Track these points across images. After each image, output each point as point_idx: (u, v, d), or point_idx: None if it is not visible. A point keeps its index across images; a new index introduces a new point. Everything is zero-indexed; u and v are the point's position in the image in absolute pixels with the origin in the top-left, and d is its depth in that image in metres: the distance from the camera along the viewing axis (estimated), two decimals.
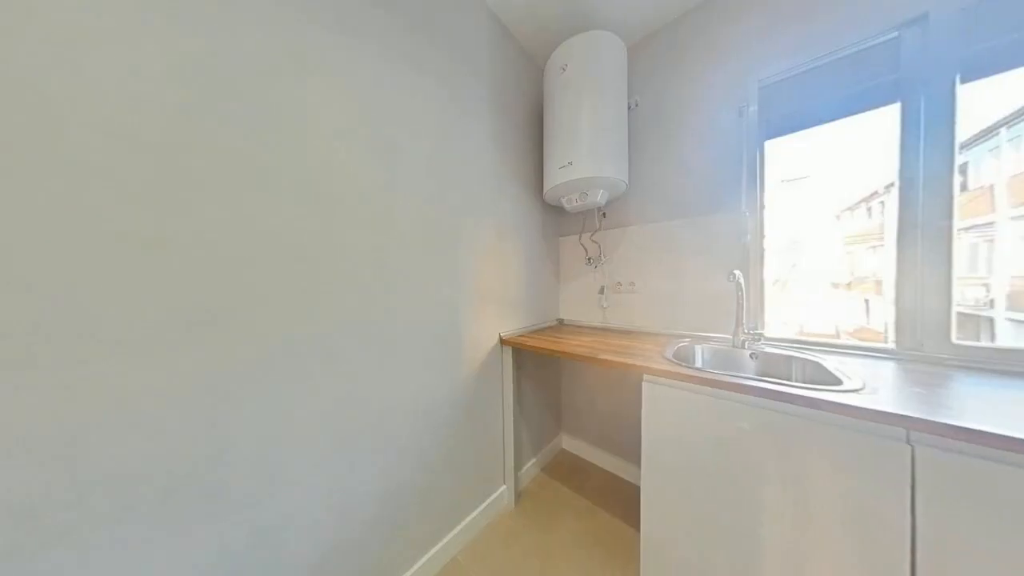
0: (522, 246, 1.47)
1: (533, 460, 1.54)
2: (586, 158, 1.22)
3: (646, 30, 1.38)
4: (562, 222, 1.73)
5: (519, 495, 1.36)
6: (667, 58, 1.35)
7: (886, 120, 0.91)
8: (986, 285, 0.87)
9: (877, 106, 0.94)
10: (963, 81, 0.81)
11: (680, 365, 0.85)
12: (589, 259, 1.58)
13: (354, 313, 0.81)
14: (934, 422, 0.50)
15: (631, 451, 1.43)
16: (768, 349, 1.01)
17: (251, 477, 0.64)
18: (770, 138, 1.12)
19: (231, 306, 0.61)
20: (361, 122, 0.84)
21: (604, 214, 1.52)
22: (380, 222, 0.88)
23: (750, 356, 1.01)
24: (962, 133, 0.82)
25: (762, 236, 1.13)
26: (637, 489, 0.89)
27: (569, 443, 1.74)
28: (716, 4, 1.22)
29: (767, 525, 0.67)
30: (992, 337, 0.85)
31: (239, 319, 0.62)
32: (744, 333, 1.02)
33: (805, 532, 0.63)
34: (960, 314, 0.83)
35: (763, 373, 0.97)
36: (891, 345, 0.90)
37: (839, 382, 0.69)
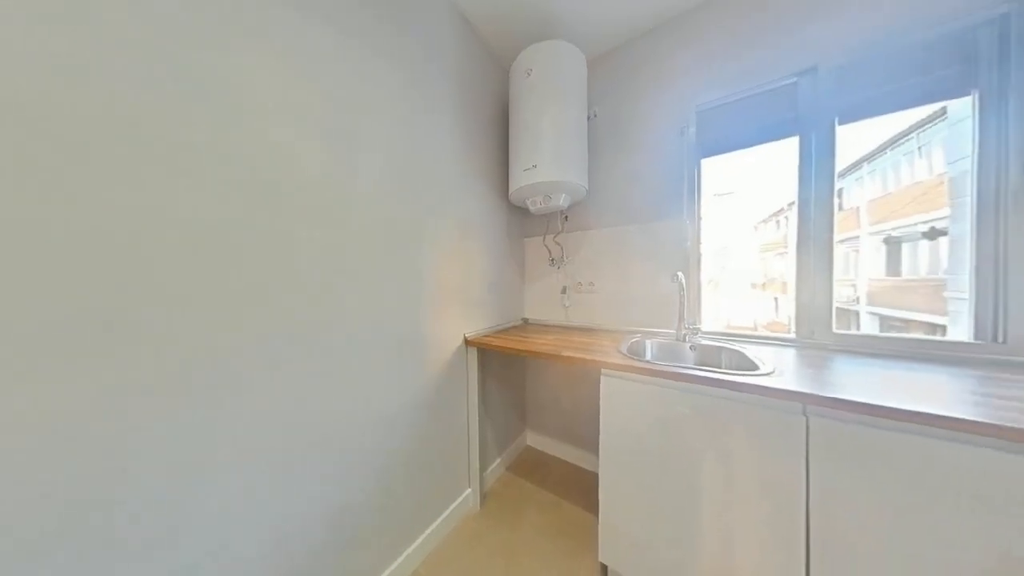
0: (488, 245, 1.47)
1: (499, 459, 1.54)
2: (550, 162, 1.27)
3: (604, 47, 1.47)
4: (527, 223, 1.77)
5: (484, 496, 1.35)
6: (622, 76, 1.46)
7: (789, 149, 1.11)
8: (854, 286, 1.11)
9: (782, 137, 1.13)
10: (840, 123, 1.02)
11: (633, 359, 0.92)
12: (552, 260, 1.64)
13: (300, 316, 0.73)
14: (822, 396, 0.62)
15: (592, 442, 1.52)
16: (704, 341, 1.15)
17: (163, 513, 0.54)
18: (705, 157, 1.28)
19: (134, 309, 0.51)
20: (313, 102, 0.76)
21: (566, 217, 1.58)
22: (334, 216, 0.81)
23: (690, 348, 1.14)
24: (839, 164, 1.03)
25: (699, 242, 1.29)
26: (597, 477, 0.94)
27: (534, 439, 1.78)
28: (663, 33, 1.35)
29: (703, 497, 0.77)
30: (858, 327, 1.07)
31: (146, 325, 0.52)
32: (685, 328, 1.15)
33: (731, 499, 0.73)
34: (838, 309, 1.05)
35: (700, 362, 1.10)
36: (792, 335, 1.09)
37: (756, 367, 0.82)
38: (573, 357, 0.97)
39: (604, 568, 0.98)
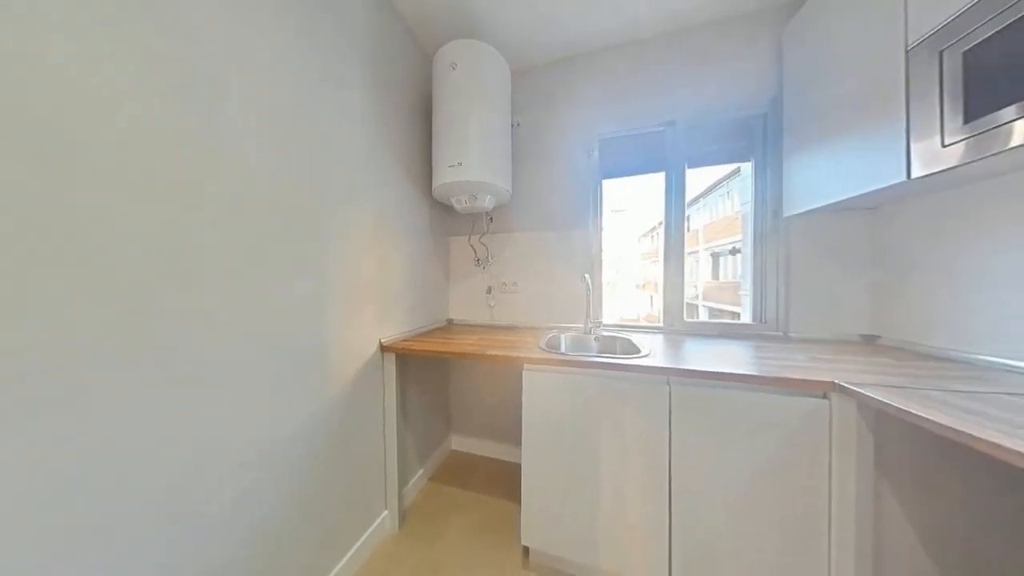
0: (409, 242, 1.36)
1: (421, 471, 1.44)
2: (476, 162, 1.27)
3: (525, 62, 1.57)
4: (452, 221, 1.72)
5: (405, 513, 1.24)
6: (542, 92, 1.59)
7: (659, 181, 1.44)
8: (695, 287, 1.52)
9: (655, 171, 1.45)
10: (689, 167, 1.39)
11: (550, 352, 1.02)
12: (478, 260, 1.65)
13: (115, 326, 0.51)
14: (679, 368, 0.83)
15: (516, 435, 1.60)
16: (604, 333, 1.36)
17: None
18: (606, 178, 1.53)
19: None
20: (149, 30, 0.54)
21: (491, 218, 1.62)
22: (181, 190, 0.59)
23: (594, 339, 1.33)
24: (688, 197, 1.41)
25: (601, 249, 1.53)
26: (520, 467, 1.00)
27: (459, 442, 1.75)
28: (574, 64, 1.54)
29: (603, 464, 0.91)
30: (698, 316, 1.48)
31: None
32: (591, 322, 1.34)
33: (622, 460, 0.89)
34: (687, 304, 1.42)
35: (602, 351, 1.31)
36: (661, 324, 1.42)
37: (639, 351, 1.02)
38: (498, 355, 1.00)
39: (526, 550, 1.04)
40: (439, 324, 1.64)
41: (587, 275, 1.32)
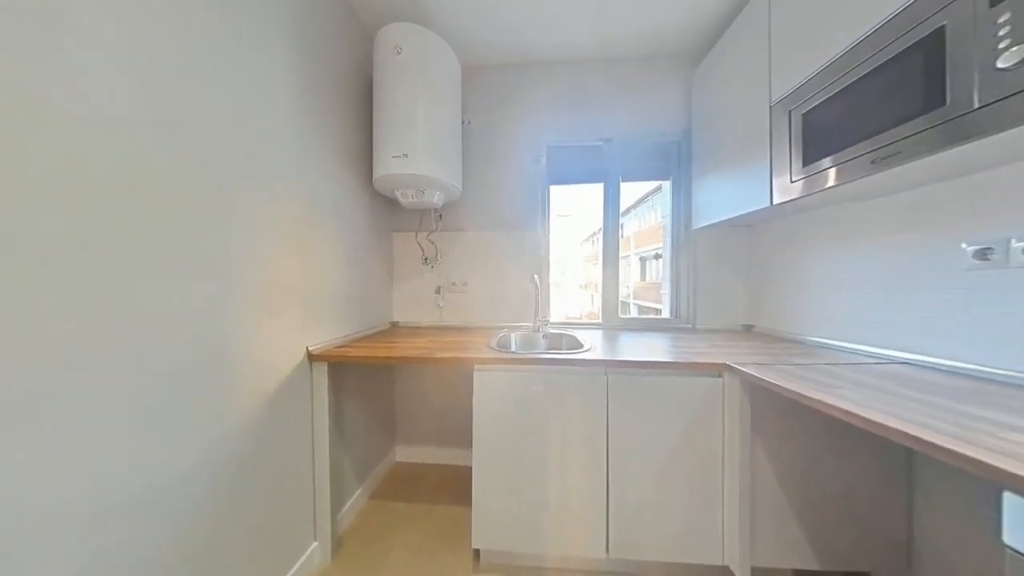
0: (345, 236, 1.22)
1: (359, 490, 1.31)
2: (424, 155, 1.20)
3: (475, 59, 1.56)
4: (397, 216, 1.61)
5: (340, 541, 1.11)
6: (494, 93, 1.60)
7: (599, 191, 1.58)
8: (628, 287, 1.73)
9: (595, 182, 1.60)
10: (623, 180, 1.56)
11: (501, 352, 1.03)
12: (426, 259, 1.57)
13: None
14: (614, 360, 0.93)
15: (466, 437, 1.57)
16: (551, 331, 1.44)
17: None
18: (553, 184, 1.62)
19: None
20: None
21: (441, 215, 1.56)
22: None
23: (542, 337, 1.40)
24: (622, 207, 1.58)
25: (549, 251, 1.61)
26: (471, 470, 0.98)
27: (405, 453, 1.64)
28: (525, 71, 1.59)
29: (551, 454, 0.96)
30: (629, 312, 1.68)
31: None
32: (539, 321, 1.41)
33: (568, 450, 0.96)
34: (621, 302, 1.60)
35: (549, 347, 1.38)
36: (600, 321, 1.57)
37: (582, 346, 1.11)
38: (448, 357, 0.98)
39: (477, 553, 1.03)
40: (381, 327, 1.51)
41: (536, 276, 1.38)
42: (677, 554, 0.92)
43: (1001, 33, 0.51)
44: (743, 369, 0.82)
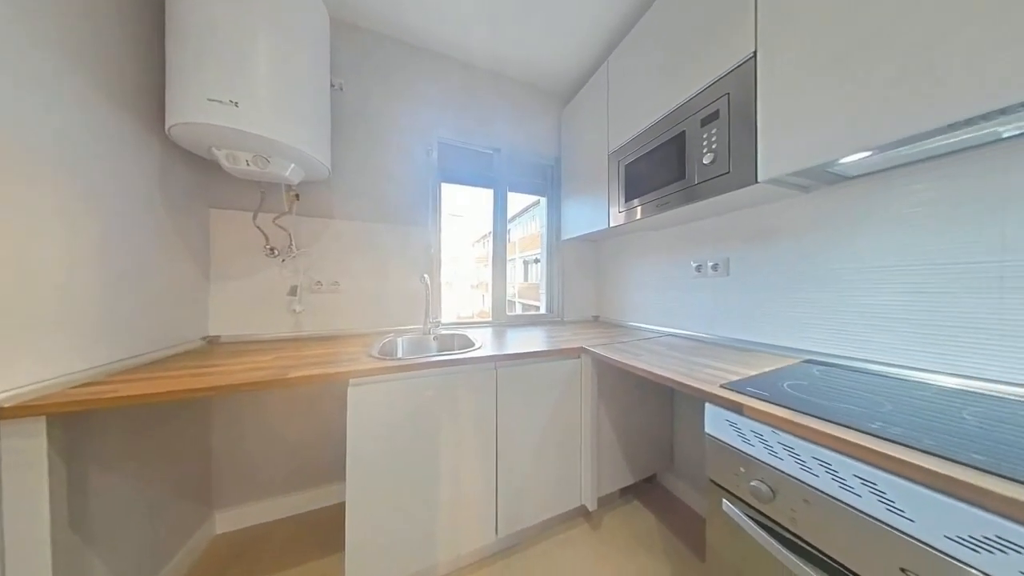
0: (99, 202, 0.76)
1: None
2: (270, 110, 0.90)
3: (350, 12, 1.32)
4: (219, 187, 1.14)
5: None
6: (377, 64, 1.40)
7: (489, 196, 1.68)
8: (513, 286, 1.92)
9: (486, 187, 1.69)
10: (510, 190, 1.72)
11: (385, 360, 0.92)
12: (273, 249, 1.19)
13: None
14: (502, 354, 1.01)
15: (335, 469, 1.29)
16: (443, 332, 1.41)
17: None
18: (445, 181, 1.58)
19: None
20: None
21: (297, 196, 1.22)
22: None
23: (433, 339, 1.34)
24: (510, 214, 1.74)
25: (440, 250, 1.56)
26: (342, 506, 0.82)
27: (231, 518, 1.17)
28: (419, 57, 1.48)
29: (444, 456, 0.94)
30: (515, 310, 1.86)
31: None
32: (430, 322, 1.34)
33: (461, 447, 0.96)
34: (508, 301, 1.75)
35: (441, 349, 1.34)
36: (491, 319, 1.66)
37: (474, 344, 1.15)
38: (307, 376, 0.77)
39: None
40: (188, 346, 1.04)
41: (426, 275, 1.31)
42: (549, 510, 1.10)
43: (704, 143, 0.90)
44: (593, 350, 1.08)
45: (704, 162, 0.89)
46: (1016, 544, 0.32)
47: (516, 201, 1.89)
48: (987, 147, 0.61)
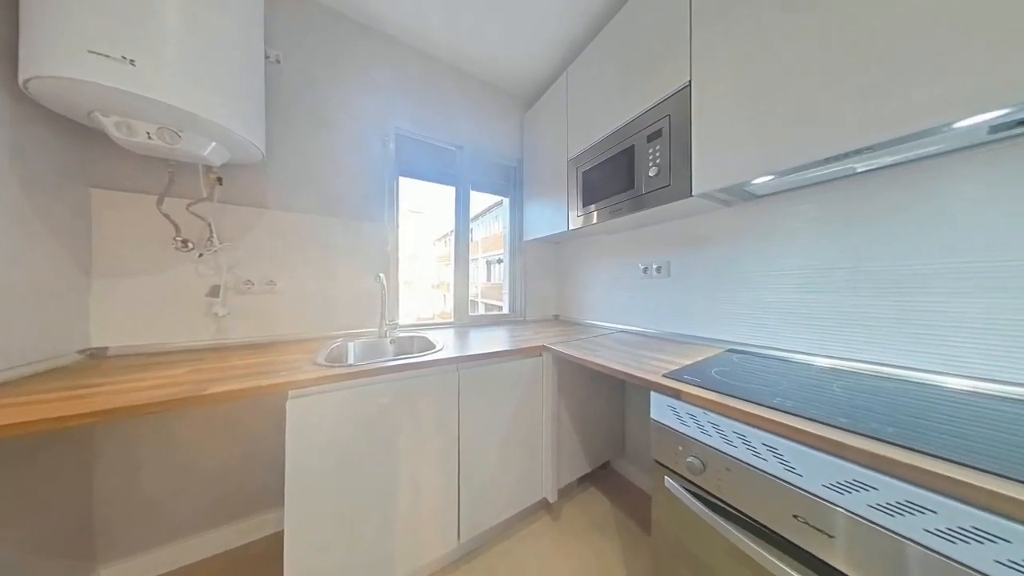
0: None
1: None
2: (180, 75, 0.76)
3: None
4: (106, 162, 0.92)
5: None
6: (323, 42, 1.27)
7: (452, 194, 1.63)
8: (475, 286, 1.90)
9: (449, 184, 1.64)
10: (472, 189, 1.69)
11: (333, 367, 0.83)
12: (185, 242, 1.00)
13: None
14: (464, 355, 0.99)
15: (267, 495, 1.13)
16: (401, 334, 1.33)
17: None
18: (403, 175, 1.50)
19: None
20: None
21: (220, 179, 1.05)
22: None
23: (390, 342, 1.26)
24: (472, 213, 1.72)
25: (398, 248, 1.48)
26: (277, 536, 0.72)
27: (124, 573, 0.95)
28: (372, 37, 1.37)
29: (401, 465, 0.89)
30: (478, 310, 1.84)
31: None
32: (386, 324, 1.26)
33: (421, 452, 0.92)
34: (471, 301, 1.73)
35: (399, 353, 1.27)
36: (452, 320, 1.62)
37: (434, 346, 1.11)
38: (235, 390, 0.67)
39: None
40: (58, 361, 0.82)
41: (382, 274, 1.23)
42: (512, 507, 1.12)
43: (650, 157, 0.99)
44: (554, 348, 1.12)
45: (650, 175, 0.99)
46: (867, 484, 0.42)
47: (479, 200, 1.88)
48: (848, 178, 0.78)
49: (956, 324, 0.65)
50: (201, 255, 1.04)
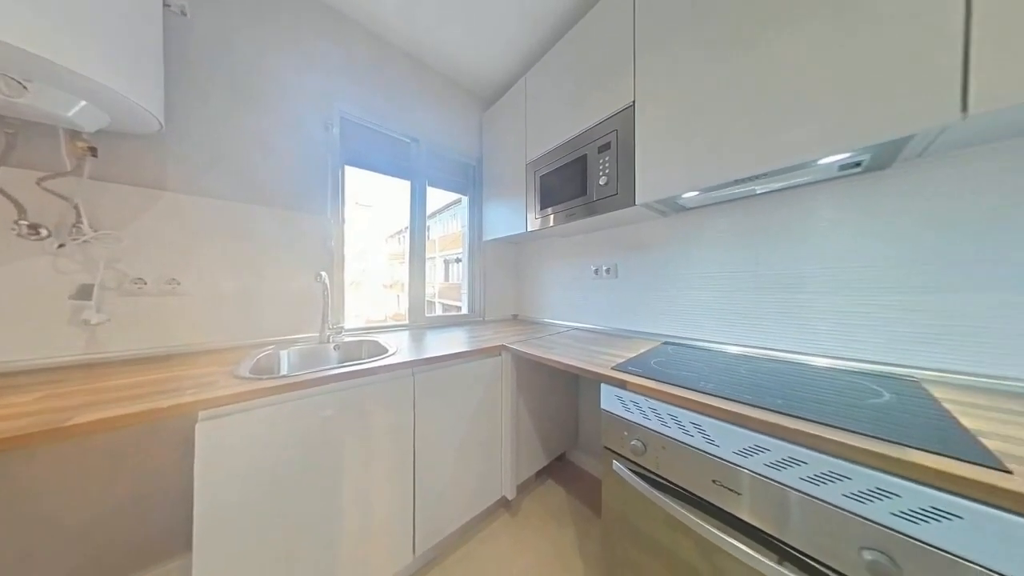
0: None
1: None
2: (26, 7, 0.57)
3: None
4: None
5: None
6: (245, 3, 1.08)
7: (406, 188, 1.54)
8: (433, 286, 1.83)
9: (403, 177, 1.55)
10: (429, 185, 1.62)
11: (259, 380, 0.72)
12: (34, 227, 0.76)
13: None
14: (420, 359, 0.94)
15: (165, 541, 0.93)
16: (347, 339, 1.21)
17: None
18: (349, 164, 1.36)
19: None
20: None
21: (93, 150, 0.82)
22: None
23: (334, 348, 1.14)
24: (429, 210, 1.64)
25: (343, 244, 1.34)
26: None
27: None
28: (314, 9, 1.22)
29: (347, 482, 0.81)
30: (435, 311, 1.77)
31: None
32: (329, 328, 1.13)
33: (371, 464, 0.85)
34: (428, 301, 1.66)
35: (344, 359, 1.15)
36: (407, 321, 1.53)
37: (387, 351, 1.03)
38: (112, 418, 0.53)
39: None
40: None
41: (323, 272, 1.10)
42: (471, 510, 1.10)
43: (601, 167, 1.07)
44: (513, 347, 1.14)
45: (600, 183, 1.07)
46: (763, 447, 0.52)
47: (436, 197, 1.81)
48: (751, 198, 0.95)
49: (820, 316, 0.84)
50: (62, 245, 0.80)
